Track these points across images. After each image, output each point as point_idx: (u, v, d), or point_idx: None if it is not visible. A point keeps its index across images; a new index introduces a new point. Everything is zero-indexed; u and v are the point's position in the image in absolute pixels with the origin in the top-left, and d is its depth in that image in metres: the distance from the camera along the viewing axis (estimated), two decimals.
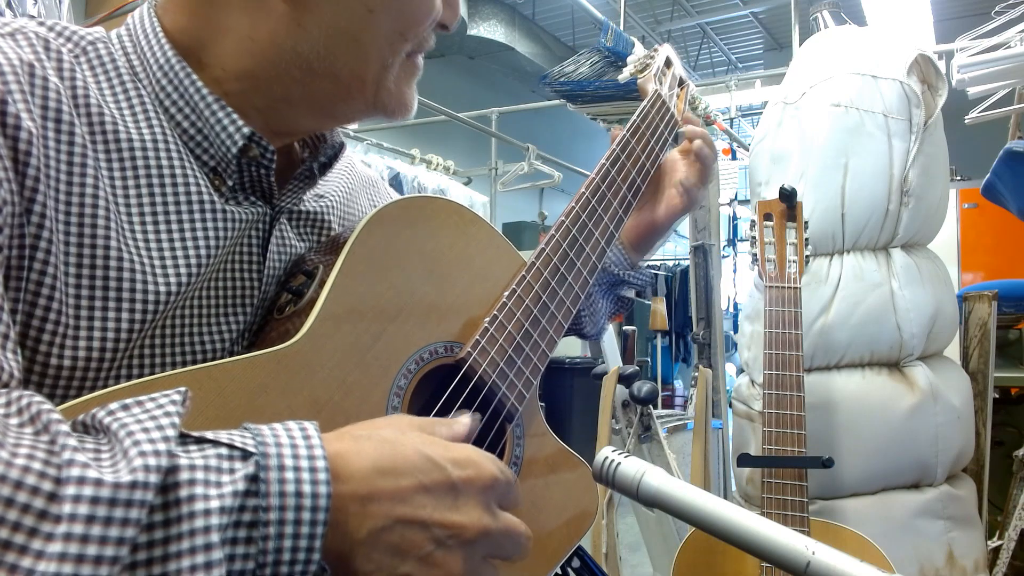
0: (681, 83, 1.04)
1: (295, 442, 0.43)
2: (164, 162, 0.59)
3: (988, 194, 2.25)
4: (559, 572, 0.73)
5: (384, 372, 0.60)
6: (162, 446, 0.38)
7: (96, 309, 0.54)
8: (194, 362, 0.60)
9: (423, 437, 0.49)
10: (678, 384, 8.08)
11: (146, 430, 0.39)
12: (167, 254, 0.58)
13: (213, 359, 0.61)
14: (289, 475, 0.41)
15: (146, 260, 0.56)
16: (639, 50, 2.44)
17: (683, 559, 1.57)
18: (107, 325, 0.54)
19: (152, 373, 0.57)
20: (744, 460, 1.64)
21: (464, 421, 0.55)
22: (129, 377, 0.56)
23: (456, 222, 0.70)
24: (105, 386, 0.54)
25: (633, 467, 0.61)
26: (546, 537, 0.71)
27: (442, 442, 0.50)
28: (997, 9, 2.25)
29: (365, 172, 0.89)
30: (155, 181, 0.58)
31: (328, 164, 0.72)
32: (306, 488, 0.41)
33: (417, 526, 0.45)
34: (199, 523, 0.38)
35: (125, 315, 0.55)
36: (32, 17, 1.71)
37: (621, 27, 3.87)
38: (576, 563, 0.77)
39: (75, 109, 0.55)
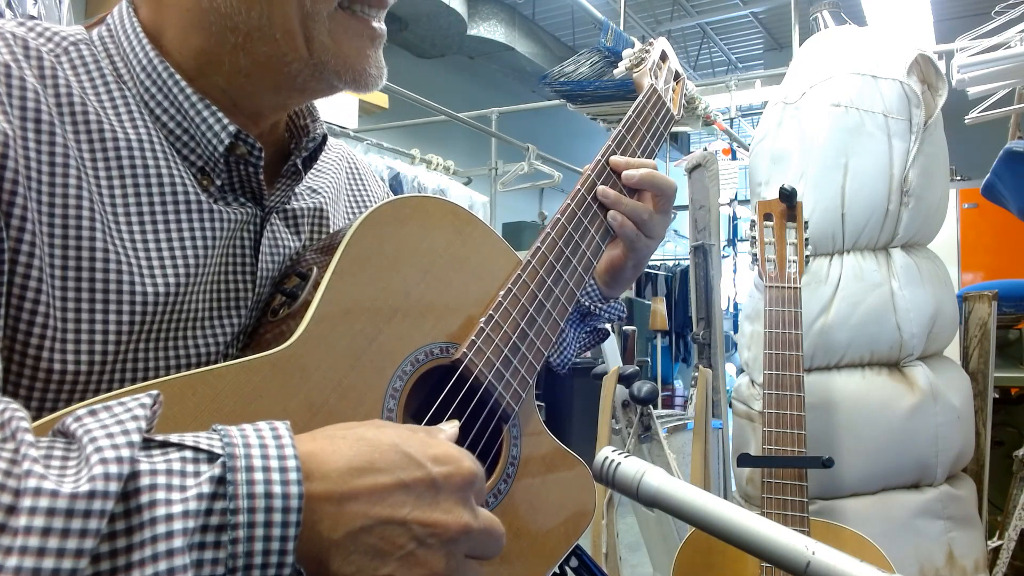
0: (677, 77, 1.03)
1: (264, 442, 0.41)
2: (151, 162, 0.58)
3: (988, 194, 2.25)
4: (557, 571, 0.73)
5: (380, 374, 0.60)
6: (125, 452, 0.37)
7: (84, 311, 0.53)
8: (189, 366, 0.60)
9: (401, 434, 0.48)
10: (678, 384, 8.08)
11: (110, 435, 0.38)
12: (154, 255, 0.57)
13: (208, 362, 0.61)
14: (258, 475, 0.40)
15: (134, 260, 0.56)
16: (637, 47, 2.44)
17: (683, 559, 1.57)
18: (95, 327, 0.53)
19: (147, 377, 0.57)
20: (744, 460, 1.64)
21: (447, 431, 0.54)
22: (124, 382, 0.55)
23: (451, 221, 0.70)
24: (99, 391, 0.54)
25: (633, 467, 0.61)
26: (544, 536, 0.71)
27: (421, 438, 0.49)
28: (997, 9, 2.25)
29: (361, 163, 0.88)
30: (141, 181, 0.57)
31: (312, 157, 0.71)
32: (276, 488, 0.40)
33: (397, 525, 0.44)
34: (160, 529, 0.37)
35: (113, 316, 0.54)
36: (33, 17, 1.70)
37: (621, 27, 3.87)
38: (574, 562, 0.76)
39: (57, 109, 0.54)
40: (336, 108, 4.02)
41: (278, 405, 0.53)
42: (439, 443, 0.49)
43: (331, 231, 0.74)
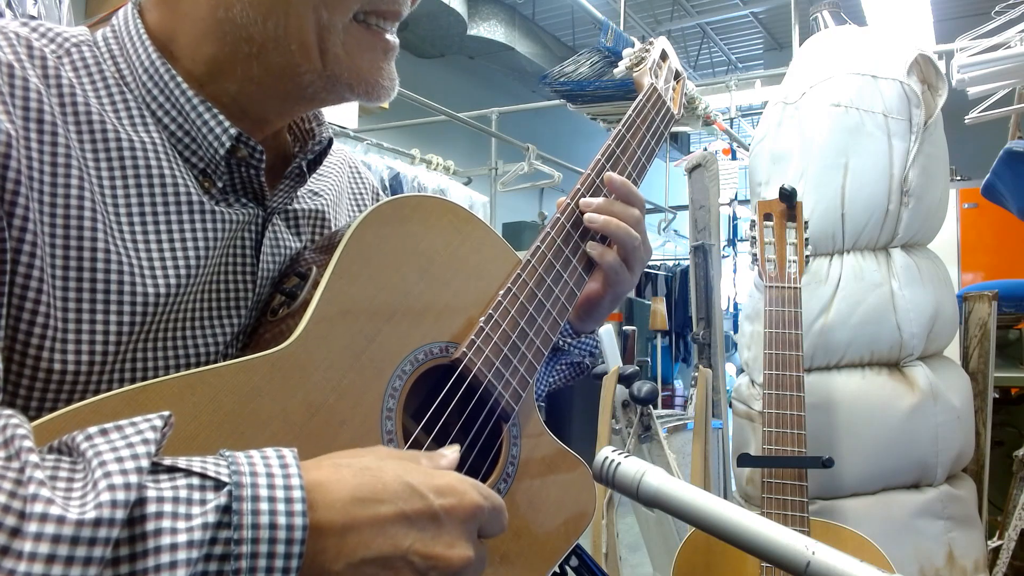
0: (677, 76, 1.03)
1: (271, 471, 0.41)
2: (153, 163, 0.58)
3: (988, 194, 2.25)
4: (557, 570, 0.73)
5: (379, 374, 0.60)
6: (133, 478, 0.37)
7: (84, 311, 0.53)
8: (188, 365, 0.60)
9: (404, 464, 0.49)
10: (678, 384, 8.07)
11: (120, 459, 0.38)
12: (155, 255, 0.57)
13: (208, 362, 0.61)
14: (264, 506, 0.40)
15: (135, 260, 0.56)
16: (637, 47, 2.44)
17: (683, 559, 1.57)
18: (96, 328, 0.53)
19: (146, 377, 0.57)
20: (744, 460, 1.64)
21: (448, 456, 0.54)
22: (123, 381, 0.55)
23: (450, 221, 0.70)
24: (99, 391, 0.54)
25: (633, 467, 0.61)
26: (544, 535, 0.71)
27: (424, 469, 0.49)
28: (997, 9, 2.24)
29: (359, 169, 0.88)
30: (143, 182, 0.58)
31: (317, 160, 0.71)
32: (281, 520, 0.40)
33: (398, 558, 0.44)
34: (165, 558, 0.37)
35: (114, 317, 0.54)
36: (33, 17, 1.70)
37: (621, 27, 3.87)
38: (574, 561, 0.76)
39: (60, 109, 0.54)
40: (336, 108, 4.00)
41: (277, 405, 0.53)
42: (443, 474, 0.50)
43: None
